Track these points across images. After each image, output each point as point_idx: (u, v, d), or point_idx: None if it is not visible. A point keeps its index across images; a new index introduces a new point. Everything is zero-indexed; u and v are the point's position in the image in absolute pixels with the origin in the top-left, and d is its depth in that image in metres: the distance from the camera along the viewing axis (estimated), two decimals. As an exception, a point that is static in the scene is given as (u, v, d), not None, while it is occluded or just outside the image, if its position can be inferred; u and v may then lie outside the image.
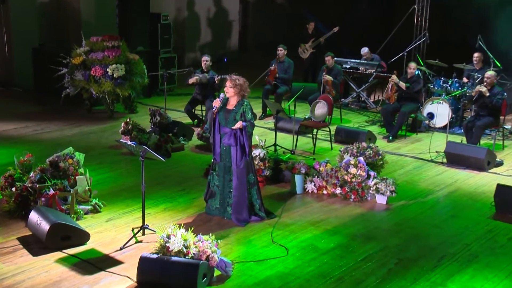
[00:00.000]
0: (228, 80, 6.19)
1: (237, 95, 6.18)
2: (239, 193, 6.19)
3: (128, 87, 10.54)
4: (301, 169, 7.17)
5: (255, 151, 7.38)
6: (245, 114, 6.15)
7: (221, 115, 6.22)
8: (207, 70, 10.18)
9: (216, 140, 6.25)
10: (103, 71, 10.38)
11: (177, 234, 5.18)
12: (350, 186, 7.03)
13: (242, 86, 6.16)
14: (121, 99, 10.85)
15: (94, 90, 10.48)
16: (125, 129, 8.85)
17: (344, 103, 11.89)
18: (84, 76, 10.49)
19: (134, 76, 10.60)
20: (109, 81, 10.37)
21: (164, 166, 7.97)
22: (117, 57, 10.44)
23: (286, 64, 10.96)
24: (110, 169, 7.97)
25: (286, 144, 9.12)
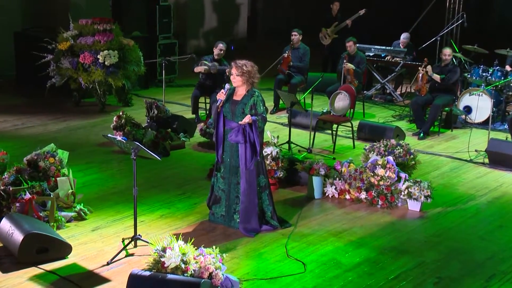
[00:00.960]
0: (234, 67, 5.93)
1: (246, 83, 5.94)
2: (248, 199, 5.98)
3: (121, 76, 10.39)
4: (320, 170, 6.98)
5: (266, 149, 7.20)
6: (256, 106, 5.91)
7: (226, 108, 5.99)
8: (218, 59, 9.94)
9: (221, 137, 6.05)
10: (93, 58, 10.24)
11: (174, 247, 4.87)
12: (377, 190, 6.84)
13: (251, 73, 5.91)
14: (114, 90, 10.71)
15: (83, 80, 10.34)
16: (117, 124, 8.71)
17: (367, 95, 11.73)
18: (72, 63, 10.36)
19: (129, 64, 10.48)
20: (100, 69, 10.22)
21: (162, 166, 7.89)
22: (109, 43, 10.31)
23: (301, 51, 10.82)
24: (100, 170, 7.83)
25: (301, 141, 9.00)
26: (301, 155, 8.30)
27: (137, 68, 10.63)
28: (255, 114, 5.89)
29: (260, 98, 5.97)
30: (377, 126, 9.34)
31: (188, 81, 11.73)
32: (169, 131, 8.80)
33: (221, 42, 10.03)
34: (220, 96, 5.92)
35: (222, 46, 9.94)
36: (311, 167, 7.04)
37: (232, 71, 5.93)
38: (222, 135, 6.02)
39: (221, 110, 5.98)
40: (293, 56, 10.78)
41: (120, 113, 8.79)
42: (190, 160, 8.29)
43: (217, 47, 9.94)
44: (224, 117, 6.02)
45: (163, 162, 7.90)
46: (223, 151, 6.02)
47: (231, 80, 5.97)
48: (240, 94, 6.01)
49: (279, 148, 7.35)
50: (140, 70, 10.73)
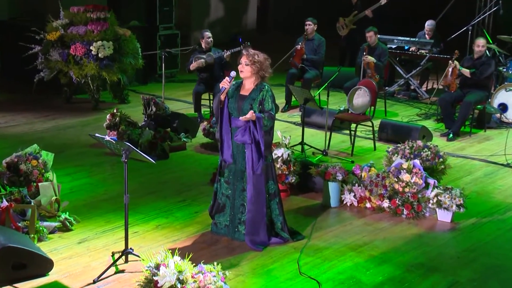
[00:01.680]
0: (244, 55, 5.80)
1: (255, 75, 5.81)
2: (256, 207, 5.87)
3: (117, 70, 10.35)
4: (337, 175, 6.89)
5: (276, 152, 7.07)
6: (264, 102, 5.79)
7: (232, 103, 5.84)
8: (206, 49, 9.97)
9: (225, 136, 5.91)
10: (86, 50, 10.20)
11: (169, 264, 4.65)
12: (402, 198, 6.73)
13: (262, 64, 5.78)
14: (108, 86, 10.70)
15: (74, 74, 10.30)
16: (111, 123, 8.71)
17: (389, 92, 11.72)
18: (62, 55, 10.33)
19: (125, 57, 10.45)
20: (93, 62, 10.18)
21: (159, 170, 7.86)
22: (104, 33, 10.26)
23: (316, 42, 10.79)
24: (90, 174, 7.76)
25: (316, 142, 8.97)
26: (315, 158, 8.26)
27: (134, 61, 10.58)
28: (262, 111, 5.77)
29: (270, 93, 5.83)
30: (401, 125, 9.26)
31: (191, 76, 11.59)
32: (169, 131, 8.75)
33: (206, 31, 10.05)
34: (224, 84, 5.74)
35: (207, 33, 9.94)
36: (327, 171, 6.94)
37: (242, 59, 5.78)
38: (229, 131, 5.86)
39: (225, 103, 5.82)
40: (307, 48, 10.73)
41: (114, 111, 8.77)
42: (191, 163, 8.24)
43: (203, 37, 9.94)
44: (229, 114, 5.88)
45: (161, 165, 7.91)
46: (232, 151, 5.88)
47: (239, 70, 5.82)
48: (248, 88, 5.87)
49: (290, 150, 7.23)
50: (137, 63, 10.68)
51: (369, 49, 10.42)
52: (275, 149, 7.10)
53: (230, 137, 5.89)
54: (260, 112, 5.77)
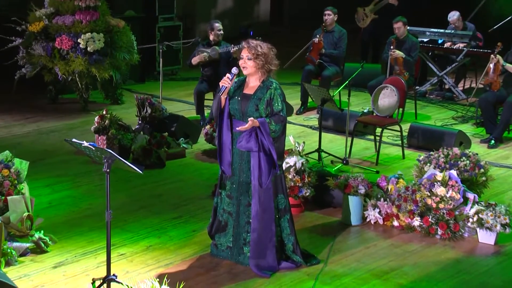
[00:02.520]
0: (245, 48, 5.72)
1: (260, 71, 5.73)
2: (262, 225, 5.78)
3: (108, 66, 10.33)
4: (359, 187, 6.84)
5: (288, 160, 7.05)
6: (272, 102, 5.71)
7: (234, 104, 5.76)
8: (215, 43, 9.99)
9: (226, 142, 5.83)
10: (73, 43, 10.17)
11: None
12: (436, 216, 6.63)
13: (267, 56, 5.70)
14: (99, 84, 10.77)
15: (59, 70, 10.28)
16: (99, 126, 8.70)
17: (420, 91, 11.76)
18: (46, 49, 10.31)
19: (118, 51, 10.44)
20: (81, 57, 10.15)
21: (154, 180, 7.89)
22: (94, 23, 10.28)
23: (337, 35, 10.82)
24: (73, 185, 7.74)
25: (335, 149, 8.97)
26: (334, 167, 8.27)
27: (128, 56, 10.58)
28: (271, 113, 5.69)
29: (279, 91, 5.76)
30: (434, 130, 9.25)
31: (195, 73, 11.76)
32: (166, 136, 8.74)
33: (215, 21, 10.05)
34: (224, 82, 5.66)
35: (217, 24, 9.96)
36: (347, 183, 6.89)
37: (242, 53, 5.71)
38: (229, 139, 5.82)
39: (226, 104, 5.75)
40: (325, 41, 10.72)
41: (103, 112, 8.77)
42: (191, 173, 8.24)
43: (213, 28, 9.95)
44: (231, 116, 5.80)
45: (156, 175, 7.96)
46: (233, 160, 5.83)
47: (241, 66, 5.75)
48: (252, 86, 5.78)
49: (305, 158, 7.19)
50: (132, 58, 10.67)
51: (397, 42, 10.43)
52: (287, 157, 7.07)
53: (230, 143, 5.83)
54: (268, 114, 5.69)
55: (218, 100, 5.75)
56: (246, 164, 5.78)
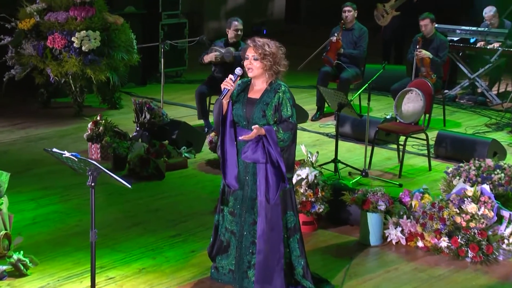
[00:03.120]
0: (251, 47, 5.60)
1: (267, 72, 5.60)
2: (269, 246, 5.66)
3: (105, 67, 10.33)
4: (379, 203, 6.73)
5: (300, 172, 6.97)
6: (281, 107, 5.59)
7: (238, 109, 5.64)
8: (233, 43, 9.94)
9: (229, 153, 5.71)
10: (66, 42, 10.17)
11: None
12: (466, 236, 6.52)
13: (276, 56, 5.59)
14: (95, 87, 10.79)
15: (51, 72, 10.29)
16: (93, 133, 8.80)
17: (449, 95, 11.73)
18: (37, 48, 10.31)
19: (116, 51, 10.41)
20: (75, 57, 10.13)
21: (151, 194, 7.88)
22: (89, 20, 10.28)
23: (357, 33, 10.83)
24: (61, 198, 7.70)
25: (354, 160, 8.94)
26: (352, 179, 8.22)
27: (127, 56, 10.57)
28: (279, 120, 5.58)
29: (288, 94, 5.64)
30: (464, 139, 9.18)
31: (202, 75, 11.84)
32: (166, 144, 8.75)
33: (235, 19, 9.97)
34: (226, 84, 5.55)
35: (238, 24, 9.87)
36: (366, 198, 6.79)
37: (248, 53, 5.59)
38: (234, 149, 5.71)
39: (228, 109, 5.64)
40: (344, 40, 10.71)
41: (97, 118, 8.88)
42: (193, 186, 8.20)
43: (231, 26, 9.90)
44: (235, 124, 5.67)
45: (153, 188, 7.94)
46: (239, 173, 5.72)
47: (246, 67, 5.63)
48: (258, 89, 5.65)
49: (318, 170, 7.10)
50: (131, 59, 10.68)
51: (423, 41, 10.38)
52: (298, 169, 7.00)
53: (235, 153, 5.70)
54: (276, 121, 5.57)
55: (220, 105, 5.62)
56: (252, 177, 5.65)
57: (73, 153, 5.18)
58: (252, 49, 5.55)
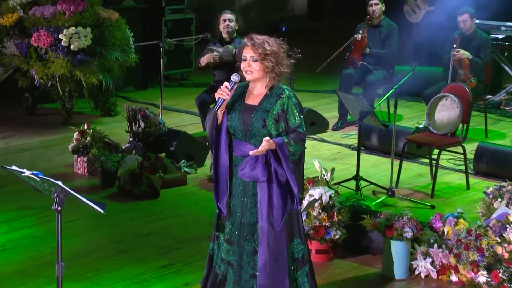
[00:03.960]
0: (249, 47, 5.43)
1: (268, 75, 5.43)
2: (272, 280, 5.49)
3: (97, 69, 10.32)
4: (405, 229, 6.57)
5: (312, 192, 6.81)
6: (287, 115, 5.43)
7: (234, 119, 5.48)
8: (230, 39, 9.87)
9: (223, 172, 5.56)
10: (53, 40, 10.16)
11: None
12: (508, 270, 6.26)
13: (278, 56, 5.43)
14: (86, 91, 10.84)
15: (36, 74, 10.30)
16: (78, 145, 8.78)
17: (492, 102, 11.71)
18: (20, 47, 10.34)
19: (109, 50, 10.43)
20: (62, 57, 10.10)
21: (142, 215, 7.80)
22: (79, 15, 10.30)
23: (385, 30, 10.81)
24: (38, 221, 7.60)
25: (379, 176, 8.86)
26: (376, 199, 8.08)
27: (122, 56, 10.57)
28: (286, 130, 5.40)
29: (294, 100, 5.47)
30: (509, 153, 9.00)
31: (210, 77, 11.69)
32: (163, 157, 8.67)
33: (225, 12, 9.93)
34: (221, 93, 5.37)
35: (228, 15, 9.80)
36: (390, 223, 6.63)
37: (245, 53, 5.42)
38: (227, 167, 5.55)
39: (223, 120, 5.49)
40: (370, 38, 10.64)
41: (84, 127, 8.88)
42: (191, 206, 8.11)
43: (220, 20, 9.90)
44: (231, 135, 5.52)
45: (145, 208, 7.88)
46: (230, 195, 5.58)
47: (243, 70, 5.46)
48: (257, 94, 5.48)
49: (334, 189, 6.91)
50: (127, 59, 10.70)
51: (462, 39, 10.26)
52: (311, 188, 6.86)
53: (226, 174, 5.56)
54: (281, 132, 5.40)
55: (214, 117, 5.45)
56: (251, 199, 5.46)
57: (35, 172, 5.06)
58: (250, 48, 5.38)
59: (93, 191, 8.07)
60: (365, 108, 8.04)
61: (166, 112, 10.75)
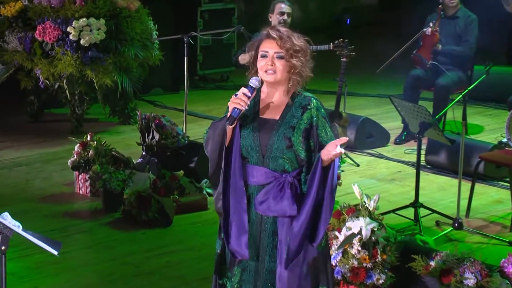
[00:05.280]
0: (272, 40, 5.09)
1: (293, 78, 5.10)
2: None
3: (112, 68, 10.27)
4: (466, 275, 6.19)
5: (351, 224, 6.51)
6: (317, 129, 5.05)
7: (248, 137, 5.14)
8: None
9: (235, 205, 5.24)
10: (60, 33, 10.11)
11: None
12: None
13: (306, 55, 5.11)
14: (100, 94, 10.73)
15: (41, 74, 10.26)
16: (79, 159, 8.66)
17: None
18: (24, 42, 10.36)
19: (127, 46, 10.34)
20: (70, 53, 10.06)
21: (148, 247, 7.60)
22: (92, 4, 10.32)
23: (462, 23, 10.58)
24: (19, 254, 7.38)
25: (446, 202, 8.57)
26: (440, 233, 7.80)
27: (143, 53, 10.50)
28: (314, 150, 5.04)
29: (323, 111, 5.13)
30: None
31: None
32: (180, 175, 8.47)
33: (284, 2, 9.60)
34: (237, 103, 5.00)
35: (284, 6, 9.48)
36: (447, 267, 6.27)
37: (267, 47, 5.08)
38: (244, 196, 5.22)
39: (234, 138, 5.11)
40: (443, 32, 10.39)
41: (86, 138, 8.77)
42: (209, 237, 7.70)
43: (274, 11, 9.52)
44: (244, 159, 5.17)
45: (153, 240, 7.74)
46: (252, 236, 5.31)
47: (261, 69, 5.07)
48: (276, 104, 5.12)
49: (378, 221, 6.57)
50: (150, 56, 10.63)
51: None
52: (349, 219, 6.52)
53: (243, 205, 5.16)
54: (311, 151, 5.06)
55: (223, 133, 5.06)
56: (270, 238, 5.12)
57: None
58: (274, 42, 5.01)
59: (94, 216, 7.96)
60: (426, 118, 7.73)
61: (195, 120, 10.63)
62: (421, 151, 8.24)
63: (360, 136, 9.79)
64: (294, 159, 5.03)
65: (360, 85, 12.36)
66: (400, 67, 10.83)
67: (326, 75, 10.18)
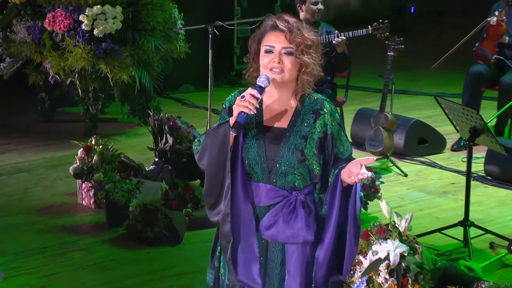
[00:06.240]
0: (280, 32, 4.87)
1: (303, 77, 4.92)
2: None
3: (130, 62, 10.21)
4: None
5: (377, 248, 6.25)
6: (333, 139, 4.89)
7: (252, 149, 4.94)
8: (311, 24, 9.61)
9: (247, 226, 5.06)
10: (72, 22, 10.07)
11: None
12: None
13: (318, 51, 4.92)
14: (116, 92, 10.65)
15: (51, 68, 10.22)
16: (82, 166, 8.59)
17: None
18: (32, 32, 10.33)
19: (146, 37, 10.30)
20: (82, 45, 9.98)
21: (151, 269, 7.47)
22: None
23: None
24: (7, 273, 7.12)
25: (505, 221, 8.39)
26: (494, 257, 7.52)
27: (165, 45, 10.43)
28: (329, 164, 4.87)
29: (338, 117, 4.94)
30: None
31: None
32: (196, 185, 8.63)
33: None
34: (245, 106, 4.78)
35: None
36: None
37: (274, 41, 4.88)
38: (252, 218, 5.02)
39: (238, 150, 4.90)
40: (510, 22, 10.34)
41: (91, 141, 8.65)
42: None
43: (305, 1, 9.61)
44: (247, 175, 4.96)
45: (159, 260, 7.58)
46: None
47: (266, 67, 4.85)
48: (283, 109, 4.94)
49: (410, 245, 6.27)
50: (174, 49, 10.56)
51: None
52: (376, 242, 6.25)
53: (252, 228, 4.97)
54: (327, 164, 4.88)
55: (224, 141, 4.81)
56: (278, 269, 4.93)
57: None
58: (282, 35, 4.77)
59: (95, 232, 7.86)
60: (477, 123, 7.41)
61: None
62: (471, 160, 7.89)
63: (410, 141, 9.60)
64: (307, 174, 4.85)
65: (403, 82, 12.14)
66: (459, 62, 10.62)
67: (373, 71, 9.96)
